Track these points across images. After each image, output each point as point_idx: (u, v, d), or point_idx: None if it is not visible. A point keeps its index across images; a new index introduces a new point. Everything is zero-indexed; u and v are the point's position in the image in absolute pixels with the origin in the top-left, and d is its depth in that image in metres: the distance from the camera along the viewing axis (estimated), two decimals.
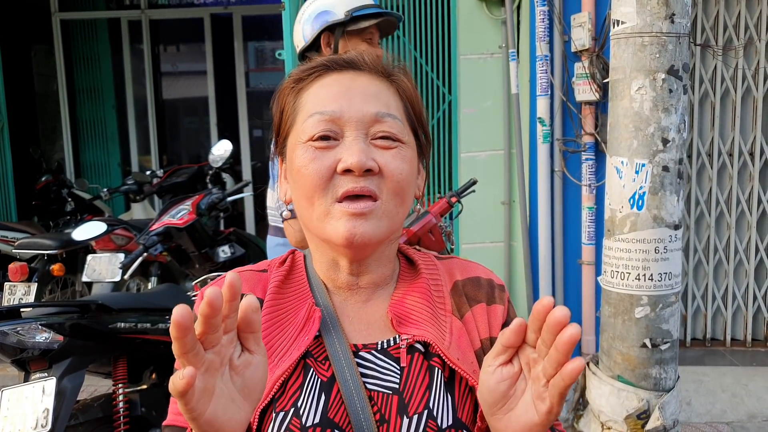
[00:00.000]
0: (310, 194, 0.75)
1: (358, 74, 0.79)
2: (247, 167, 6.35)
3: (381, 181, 0.75)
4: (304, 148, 0.76)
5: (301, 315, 0.79)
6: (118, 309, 2.07)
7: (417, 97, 0.83)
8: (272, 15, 5.51)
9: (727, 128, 3.57)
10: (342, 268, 0.81)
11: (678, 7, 1.49)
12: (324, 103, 0.76)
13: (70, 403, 1.88)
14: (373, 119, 0.76)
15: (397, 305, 0.82)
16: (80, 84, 6.30)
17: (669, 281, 1.62)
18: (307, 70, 0.80)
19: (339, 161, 0.74)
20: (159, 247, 2.91)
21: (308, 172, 0.74)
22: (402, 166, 0.76)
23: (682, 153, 1.60)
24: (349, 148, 0.74)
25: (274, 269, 0.84)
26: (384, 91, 0.79)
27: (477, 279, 0.88)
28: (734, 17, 3.45)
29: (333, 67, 0.80)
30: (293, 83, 0.81)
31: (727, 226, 3.61)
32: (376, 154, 0.75)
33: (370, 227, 0.74)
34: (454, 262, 0.91)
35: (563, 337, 0.57)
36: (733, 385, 3.40)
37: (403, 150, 0.77)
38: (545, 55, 3.29)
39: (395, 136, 0.76)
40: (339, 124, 0.75)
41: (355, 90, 0.77)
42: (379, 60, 0.82)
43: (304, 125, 0.76)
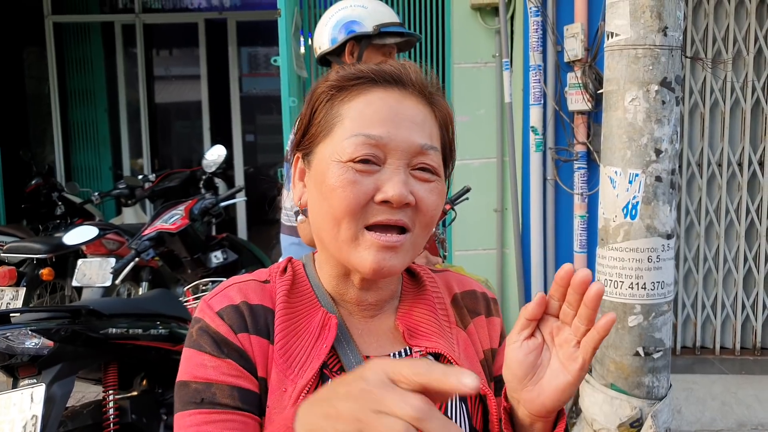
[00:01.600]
0: (339, 216, 0.72)
1: (404, 95, 0.76)
2: (240, 172, 6.34)
3: (415, 214, 0.74)
4: (342, 168, 0.72)
5: (316, 323, 0.77)
6: (110, 314, 2.05)
7: (452, 123, 0.82)
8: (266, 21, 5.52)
9: (716, 139, 3.61)
10: (353, 283, 0.80)
11: (671, 21, 1.51)
12: (371, 125, 0.73)
13: (60, 410, 1.85)
14: (418, 150, 0.74)
15: (405, 318, 0.82)
16: (72, 87, 6.27)
17: (662, 290, 1.63)
18: (351, 78, 0.76)
19: (377, 189, 0.72)
20: (151, 252, 2.90)
21: (344, 195, 0.72)
22: (437, 202, 0.75)
23: (675, 163, 1.62)
24: (391, 178, 0.72)
25: (277, 279, 0.82)
26: (428, 119, 0.77)
27: (473, 292, 0.90)
28: (723, 30, 3.50)
29: (379, 81, 0.76)
30: (331, 89, 0.77)
31: (716, 236, 3.65)
32: (414, 185, 0.73)
33: (398, 261, 0.74)
34: (450, 275, 0.92)
35: (591, 293, 0.63)
36: (722, 393, 3.42)
37: (439, 184, 0.76)
38: (538, 65, 3.32)
39: (435, 170, 0.75)
40: (383, 150, 0.73)
41: (403, 115, 0.74)
42: (422, 77, 0.79)
43: (345, 143, 0.73)
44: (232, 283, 0.79)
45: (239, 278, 0.81)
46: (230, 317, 0.74)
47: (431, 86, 0.79)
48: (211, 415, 0.70)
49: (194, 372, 0.72)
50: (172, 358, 2.27)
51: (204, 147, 6.17)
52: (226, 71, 6.21)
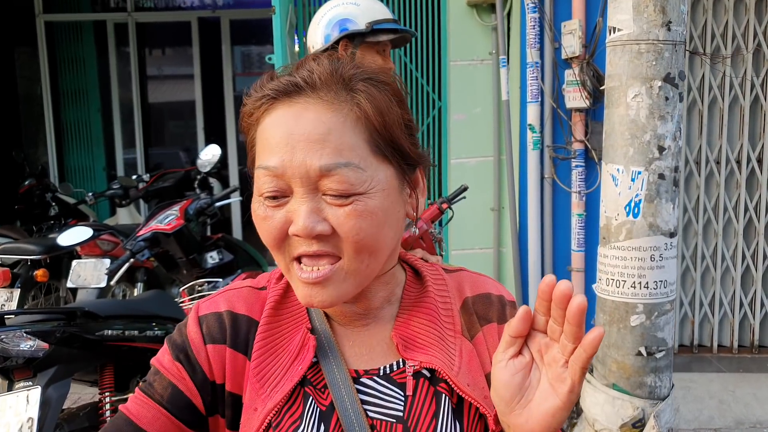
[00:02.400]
0: (269, 248, 0.70)
1: (306, 105, 0.66)
2: (234, 172, 6.30)
3: (339, 241, 0.66)
4: (257, 202, 0.69)
5: (296, 342, 0.75)
6: (105, 316, 2.02)
7: (386, 110, 0.69)
8: (260, 19, 5.49)
9: (715, 136, 3.60)
10: None
11: (674, 15, 1.50)
12: (268, 155, 0.67)
13: (56, 412, 1.83)
14: (319, 174, 0.65)
15: (402, 327, 0.76)
16: (65, 87, 6.22)
17: (664, 289, 1.62)
18: (257, 100, 0.69)
19: (289, 222, 0.66)
20: (146, 253, 2.87)
21: (262, 231, 0.69)
22: (360, 224, 0.65)
23: (678, 161, 1.60)
24: (297, 209, 0.66)
25: (272, 286, 0.79)
26: (336, 128, 0.66)
27: (488, 296, 0.82)
28: (722, 26, 3.50)
29: (279, 97, 0.68)
30: (246, 115, 0.72)
31: (714, 234, 3.64)
32: (328, 211, 0.66)
33: (330, 294, 0.68)
34: (464, 275, 0.85)
35: (572, 308, 0.56)
36: (720, 391, 3.42)
37: (361, 203, 0.66)
38: (536, 62, 3.31)
39: (348, 192, 0.65)
40: (285, 179, 0.66)
41: (298, 135, 0.65)
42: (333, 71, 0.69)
43: (256, 174, 0.69)
44: (228, 288, 0.79)
45: (238, 284, 0.80)
46: (209, 325, 0.75)
47: (345, 75, 0.69)
48: (140, 397, 0.74)
49: (158, 357, 0.76)
50: None
51: (198, 147, 6.14)
52: (220, 70, 6.18)
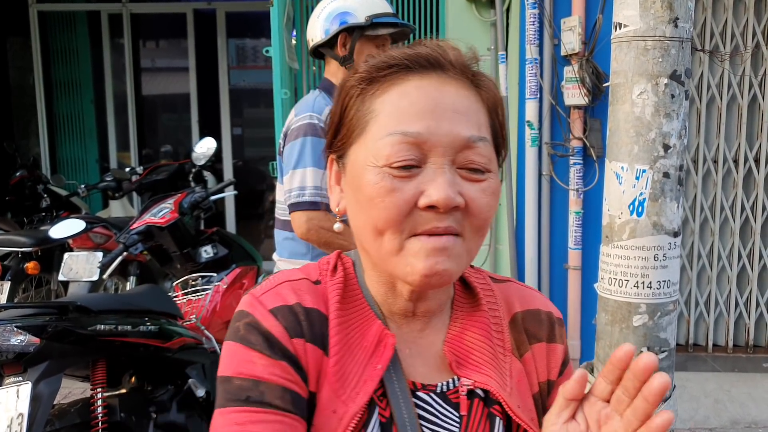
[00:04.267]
0: (381, 228, 0.65)
1: (443, 80, 0.67)
2: (229, 166, 6.26)
3: (465, 218, 0.65)
4: (379, 174, 0.64)
5: (371, 338, 0.70)
6: (98, 311, 1.99)
7: (502, 105, 0.72)
8: (257, 12, 5.44)
9: (713, 135, 3.60)
10: (400, 293, 0.72)
11: (682, 12, 1.47)
12: (408, 120, 0.64)
13: (47, 408, 1.79)
14: (464, 145, 0.64)
15: (454, 342, 0.73)
16: (58, 78, 6.14)
17: (668, 289, 1.60)
18: (382, 68, 0.67)
19: (420, 193, 0.63)
20: (139, 246, 2.83)
21: (385, 205, 0.63)
22: (491, 203, 0.66)
23: (683, 159, 1.58)
24: (434, 180, 0.63)
25: (328, 278, 0.74)
26: (474, 105, 0.67)
27: (537, 312, 0.79)
28: (721, 25, 3.49)
29: (414, 67, 0.67)
30: (361, 82, 0.68)
31: (710, 233, 3.64)
32: (463, 186, 0.65)
33: (452, 265, 0.65)
34: (512, 288, 0.81)
35: (652, 387, 0.52)
36: (715, 390, 3.42)
37: (492, 181, 0.67)
38: (535, 58, 3.28)
39: (485, 167, 0.66)
40: (424, 149, 0.64)
41: (444, 105, 0.65)
42: (463, 57, 0.69)
43: (380, 143, 0.64)
44: (284, 279, 0.72)
45: (288, 275, 0.73)
46: (286, 318, 0.68)
47: (475, 67, 0.70)
48: (258, 415, 0.64)
49: (240, 368, 0.65)
50: (162, 356, 2.21)
51: (192, 140, 6.09)
52: (215, 63, 6.12)
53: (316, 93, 1.97)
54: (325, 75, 2.04)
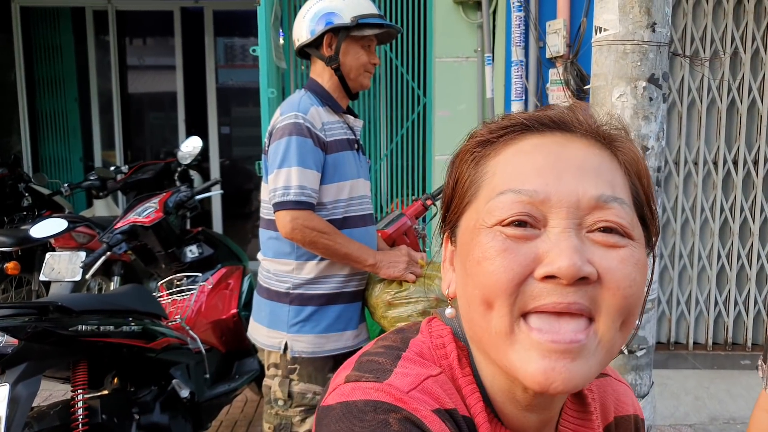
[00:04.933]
0: (489, 298, 0.54)
1: (567, 139, 0.57)
2: (216, 165, 6.23)
3: (599, 294, 0.52)
4: (490, 235, 0.54)
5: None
6: (80, 311, 1.97)
7: (646, 171, 0.60)
8: (244, 10, 5.42)
9: (693, 137, 3.65)
10: (519, 399, 0.60)
11: (659, 17, 1.50)
12: (522, 178, 0.55)
13: (25, 410, 1.78)
14: (593, 205, 0.53)
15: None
16: (40, 74, 6.08)
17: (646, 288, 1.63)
18: (498, 129, 0.60)
19: (539, 261, 0.52)
20: (123, 246, 2.80)
21: (493, 268, 0.53)
22: (634, 275, 0.53)
23: (661, 161, 1.61)
24: (557, 244, 0.52)
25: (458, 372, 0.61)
26: (606, 164, 0.56)
27: (628, 419, 0.72)
28: (701, 30, 3.54)
29: (534, 127, 0.58)
30: (476, 146, 0.60)
31: (691, 233, 3.69)
32: (594, 253, 0.53)
33: (578, 372, 0.52)
34: (609, 386, 0.72)
35: None
36: (695, 387, 3.47)
37: (635, 251, 0.54)
38: (520, 61, 3.31)
39: (624, 230, 0.54)
40: (542, 209, 0.54)
41: (567, 161, 0.55)
42: (595, 118, 0.60)
43: (491, 204, 0.55)
44: (426, 375, 0.58)
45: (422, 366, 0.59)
46: (451, 426, 0.56)
47: (609, 127, 0.60)
48: None
49: None
50: (145, 356, 2.20)
51: (179, 139, 6.05)
52: (203, 62, 6.09)
53: (301, 93, 1.98)
54: (311, 75, 2.05)
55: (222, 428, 3.15)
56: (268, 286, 2.00)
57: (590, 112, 0.60)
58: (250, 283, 3.07)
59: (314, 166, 1.86)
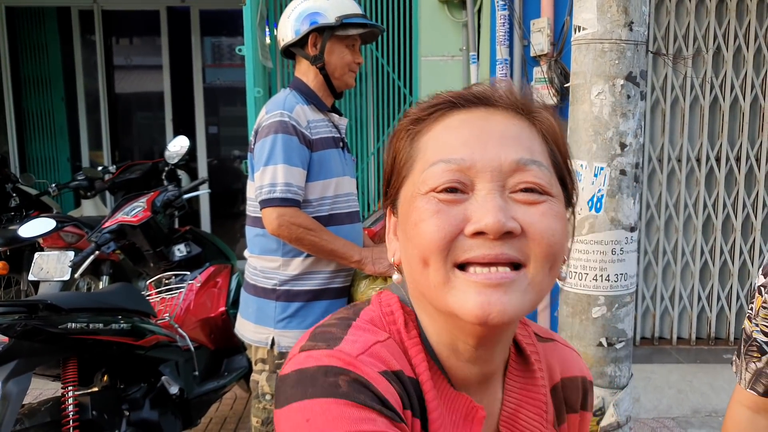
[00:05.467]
0: (425, 255, 0.59)
1: (491, 112, 0.64)
2: (203, 164, 6.23)
3: (525, 245, 0.59)
4: (424, 200, 0.61)
5: (459, 411, 0.65)
6: (69, 309, 1.98)
7: (563, 137, 0.67)
8: (231, 10, 5.42)
9: (676, 135, 3.71)
10: (462, 352, 0.65)
11: (636, 16, 1.54)
12: (451, 149, 0.61)
13: (16, 407, 1.79)
14: (514, 168, 0.60)
15: (511, 422, 0.69)
16: (27, 74, 6.04)
17: (625, 282, 1.67)
18: (428, 108, 0.66)
19: (468, 220, 0.58)
20: (112, 245, 2.81)
21: (427, 227, 0.59)
22: (554, 226, 0.60)
23: (639, 157, 1.65)
24: (483, 204, 0.58)
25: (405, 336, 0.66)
26: (525, 132, 0.63)
27: (575, 380, 0.76)
28: (684, 28, 3.59)
29: (460, 103, 0.65)
30: (410, 124, 0.67)
31: (675, 229, 3.75)
32: (517, 211, 0.59)
33: (512, 301, 0.57)
34: (555, 349, 0.76)
35: None
36: (678, 381, 3.53)
37: (554, 204, 0.61)
38: (505, 59, 3.35)
39: (542, 188, 0.60)
40: (470, 175, 0.60)
41: (490, 132, 0.62)
42: (515, 92, 0.66)
43: (424, 175, 0.62)
44: (374, 340, 0.63)
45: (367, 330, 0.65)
46: (398, 386, 0.60)
47: (530, 102, 0.66)
48: None
49: (354, 427, 0.54)
50: (134, 353, 2.22)
51: (166, 138, 6.04)
52: (189, 61, 6.09)
53: (287, 92, 2.00)
54: (296, 74, 2.07)
55: (212, 425, 3.16)
56: (254, 283, 2.03)
57: (511, 88, 0.67)
58: (238, 282, 3.08)
59: (300, 164, 1.89)
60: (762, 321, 1.06)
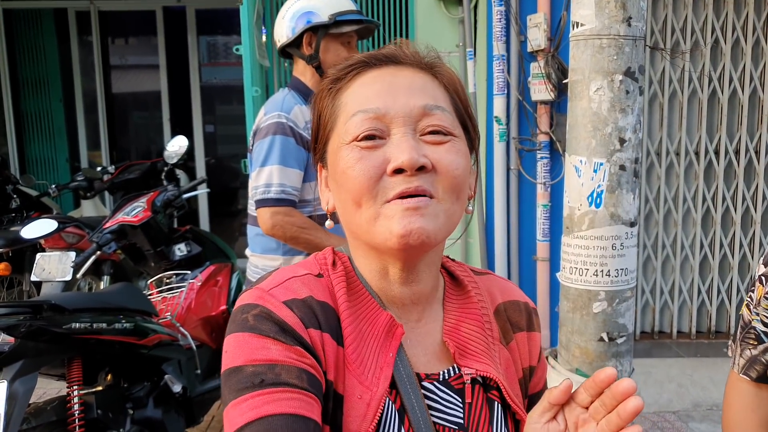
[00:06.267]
0: (357, 197, 0.70)
1: (399, 68, 0.75)
2: (201, 163, 6.23)
3: (435, 179, 0.70)
4: (348, 149, 0.70)
5: (381, 327, 0.73)
6: (72, 309, 2.00)
7: (463, 88, 0.78)
8: (227, 9, 5.42)
9: (675, 128, 3.72)
10: (392, 276, 0.75)
11: (634, 11, 1.55)
12: (367, 101, 0.72)
13: (23, 407, 1.81)
14: (421, 113, 0.71)
15: (453, 333, 0.77)
16: (25, 76, 6.04)
17: (625, 277, 1.68)
18: (345, 68, 0.76)
19: (388, 161, 0.69)
20: (113, 245, 2.82)
21: (354, 173, 0.69)
22: (457, 160, 0.71)
23: (638, 153, 1.66)
24: (398, 145, 0.69)
25: (330, 272, 0.76)
26: (429, 84, 0.74)
27: (517, 303, 0.85)
28: (681, 21, 3.60)
29: (372, 63, 0.75)
30: (330, 84, 0.77)
31: (674, 223, 3.76)
32: (427, 150, 0.70)
33: (428, 223, 0.68)
34: (492, 280, 0.87)
35: (628, 407, 0.59)
36: (679, 375, 3.55)
37: (456, 143, 0.72)
38: (502, 55, 3.36)
39: (446, 129, 0.72)
40: (385, 122, 0.70)
41: (399, 84, 0.72)
42: (418, 50, 0.77)
43: (346, 126, 0.72)
44: (291, 276, 0.74)
45: (292, 271, 0.75)
46: (300, 310, 0.69)
47: (429, 57, 0.77)
48: (275, 395, 0.63)
49: (252, 355, 0.65)
50: (137, 353, 2.23)
51: (164, 138, 6.04)
52: (186, 60, 6.08)
53: (285, 92, 2.01)
54: (294, 73, 2.08)
55: (214, 422, 3.18)
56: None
57: (415, 48, 0.78)
58: (238, 280, 3.09)
59: (296, 165, 1.90)
60: (763, 311, 1.08)
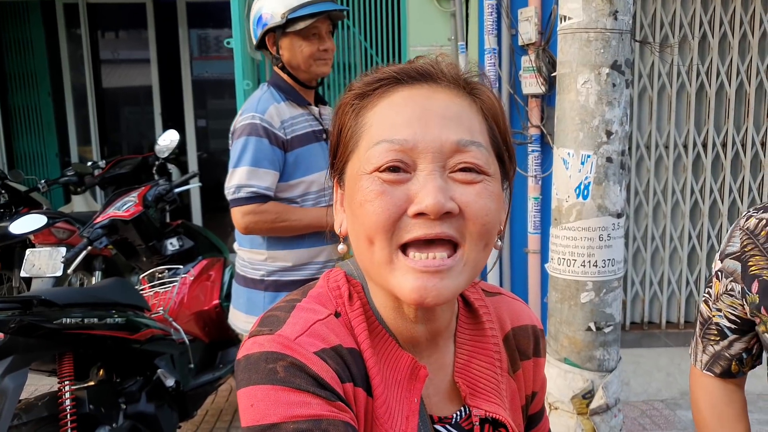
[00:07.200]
0: (371, 234, 0.63)
1: (434, 90, 0.66)
2: (193, 158, 6.21)
3: (462, 224, 0.63)
4: (369, 180, 0.63)
5: (404, 371, 0.69)
6: (63, 304, 2.00)
7: (503, 114, 0.70)
8: (218, 1, 5.39)
9: (664, 122, 3.75)
10: (408, 314, 0.69)
11: (621, 5, 1.56)
12: (394, 129, 0.64)
13: (13, 402, 1.81)
14: (454, 149, 0.63)
15: (464, 372, 0.73)
16: (11, 69, 5.98)
17: (612, 267, 1.70)
18: (372, 82, 0.68)
19: (411, 201, 0.62)
20: (104, 241, 2.81)
21: (372, 208, 0.62)
22: (489, 205, 0.64)
23: (625, 145, 1.68)
24: (424, 185, 0.62)
25: (347, 308, 0.70)
26: (466, 112, 0.66)
27: (525, 328, 0.81)
28: (670, 15, 3.62)
29: (403, 79, 0.67)
30: (354, 98, 0.69)
31: (663, 215, 3.80)
32: (456, 190, 0.63)
33: (447, 285, 0.62)
34: (503, 302, 0.81)
35: None
36: (667, 365, 3.59)
37: (489, 185, 0.65)
38: (493, 48, 3.37)
39: (480, 168, 0.64)
40: (412, 156, 0.63)
41: (432, 111, 0.64)
42: (458, 69, 0.69)
43: (369, 153, 0.64)
44: (315, 320, 0.67)
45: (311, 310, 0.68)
46: (333, 361, 0.63)
47: (471, 78, 0.69)
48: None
49: (290, 411, 0.59)
50: (129, 347, 2.23)
51: (155, 132, 6.01)
52: (177, 54, 6.05)
53: (264, 89, 2.00)
54: (274, 69, 2.07)
55: (208, 416, 3.19)
56: (244, 275, 2.06)
57: (453, 63, 0.70)
58: (231, 274, 3.10)
59: (269, 166, 1.90)
60: (725, 306, 1.08)
